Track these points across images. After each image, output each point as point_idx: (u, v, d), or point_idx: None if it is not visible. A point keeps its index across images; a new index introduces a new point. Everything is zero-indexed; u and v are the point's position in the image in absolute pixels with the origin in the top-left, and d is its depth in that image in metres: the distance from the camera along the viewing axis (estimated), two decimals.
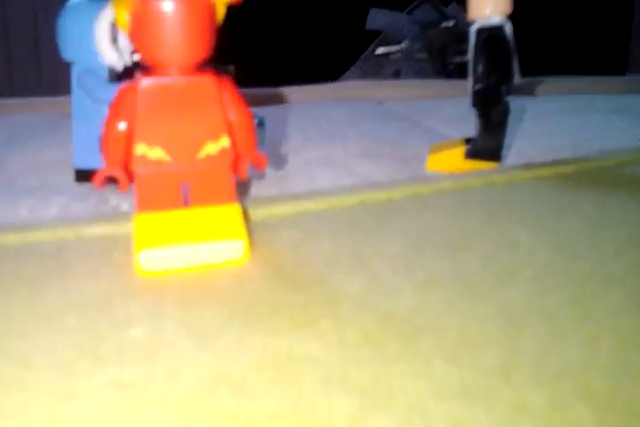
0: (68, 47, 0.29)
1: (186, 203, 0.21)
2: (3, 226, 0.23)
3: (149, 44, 0.19)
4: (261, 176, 0.27)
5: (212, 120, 0.20)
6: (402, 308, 0.15)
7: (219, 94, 0.20)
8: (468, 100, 0.36)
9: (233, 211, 0.21)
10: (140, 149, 0.20)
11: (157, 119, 0.20)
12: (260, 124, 0.33)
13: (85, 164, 0.31)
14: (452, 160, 0.32)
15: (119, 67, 0.29)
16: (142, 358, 0.14)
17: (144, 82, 0.19)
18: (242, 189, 0.22)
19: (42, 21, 1.13)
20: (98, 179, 0.21)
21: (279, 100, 0.60)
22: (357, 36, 1.36)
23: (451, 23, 0.34)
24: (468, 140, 0.34)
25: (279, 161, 0.33)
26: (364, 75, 1.41)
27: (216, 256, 0.20)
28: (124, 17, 0.18)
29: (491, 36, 0.30)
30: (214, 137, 0.20)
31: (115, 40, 0.29)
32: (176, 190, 0.21)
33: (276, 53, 1.23)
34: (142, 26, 0.18)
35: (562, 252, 0.19)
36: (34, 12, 1.14)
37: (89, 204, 0.28)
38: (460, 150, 0.32)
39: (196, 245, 0.20)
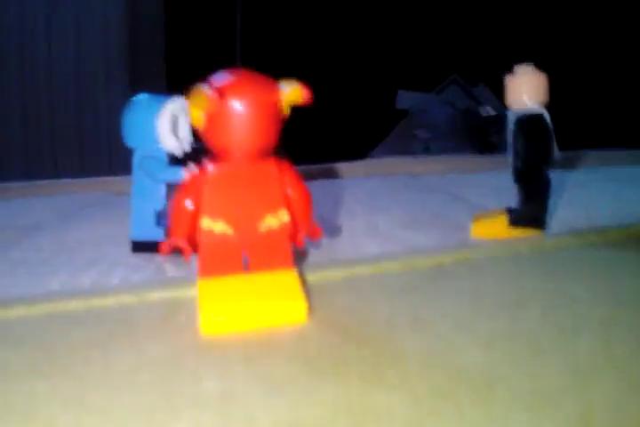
0: (133, 136, 0.32)
1: (246, 268, 0.22)
2: (69, 293, 0.24)
3: (222, 137, 0.21)
4: (317, 246, 0.28)
5: (273, 197, 0.22)
6: (469, 362, 0.16)
7: (279, 175, 0.22)
8: (505, 175, 0.37)
9: (290, 276, 0.22)
10: (206, 222, 0.22)
11: (223, 197, 0.22)
12: None
13: (142, 236, 0.33)
14: (496, 227, 0.33)
15: (178, 152, 0.32)
16: (218, 405, 0.14)
17: (213, 167, 0.22)
18: (297, 257, 0.23)
19: (85, 108, 1.22)
20: (165, 248, 0.22)
21: (312, 176, 0.63)
22: (386, 115, 1.42)
23: (491, 112, 0.36)
24: (510, 210, 0.34)
25: (331, 230, 0.35)
26: (393, 151, 1.46)
27: (277, 318, 0.21)
28: (200, 116, 0.21)
29: (530, 123, 0.32)
30: (274, 211, 0.22)
31: (176, 130, 0.32)
32: (237, 257, 0.22)
33: (305, 133, 1.28)
34: (216, 123, 0.21)
35: (621, 306, 0.19)
36: (77, 98, 1.23)
37: (147, 273, 0.29)
38: (504, 218, 0.33)
39: (259, 307, 0.20)
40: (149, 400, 0.15)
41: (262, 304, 0.21)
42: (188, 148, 0.33)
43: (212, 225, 0.22)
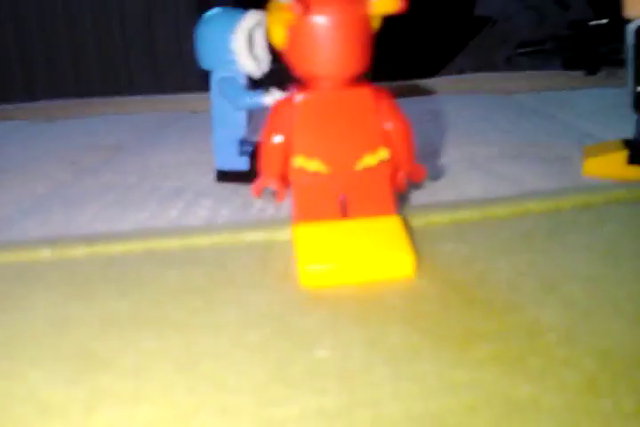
0: (207, 56, 0.30)
1: (343, 214, 0.21)
2: (164, 231, 0.24)
3: (308, 59, 0.18)
4: (419, 186, 0.26)
5: (370, 132, 0.20)
6: (618, 344, 0.14)
7: (376, 106, 0.19)
8: (610, 92, 0.32)
9: (394, 223, 0.20)
10: (298, 161, 0.20)
11: (315, 132, 0.19)
12: None
13: (226, 165, 0.32)
14: (611, 165, 0.29)
15: (257, 74, 0.30)
16: (337, 384, 0.13)
17: (300, 96, 0.19)
18: (397, 198, 0.21)
19: (157, 22, 1.18)
20: (256, 189, 0.21)
21: (403, 93, 0.59)
22: (466, 22, 1.31)
23: (603, 21, 0.31)
24: (627, 142, 0.31)
25: (430, 165, 0.32)
26: (475, 61, 1.36)
27: (383, 271, 0.19)
28: (281, 33, 0.18)
29: None
30: (372, 149, 0.20)
31: (252, 49, 0.30)
32: (334, 201, 0.21)
33: (384, 46, 1.20)
34: (300, 42, 0.18)
35: None
36: (148, 12, 1.19)
37: (235, 206, 0.28)
38: (621, 155, 0.29)
39: (363, 259, 0.19)
40: (262, 371, 0.14)
41: (366, 256, 0.19)
42: (267, 69, 0.30)
43: (306, 164, 0.20)
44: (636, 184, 0.26)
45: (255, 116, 0.32)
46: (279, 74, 0.24)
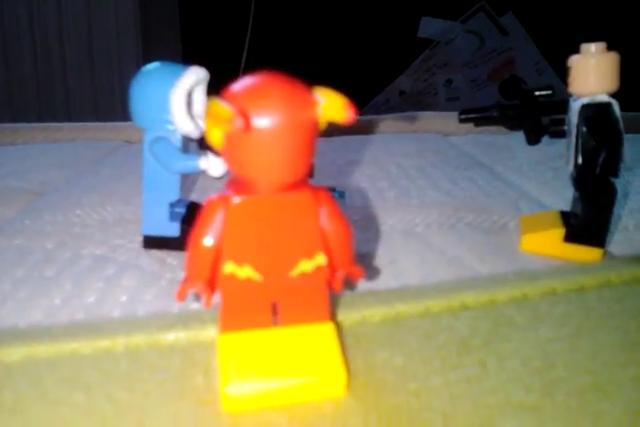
0: (141, 113, 0.28)
1: (274, 320, 0.19)
2: (73, 329, 0.21)
3: (246, 166, 0.17)
4: (353, 287, 0.24)
5: (308, 237, 0.18)
6: None
7: (316, 210, 0.18)
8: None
9: (327, 332, 0.19)
10: (229, 267, 0.18)
11: (248, 237, 0.18)
12: (341, 196, 0.31)
13: (155, 231, 0.30)
14: (549, 242, 0.29)
15: (195, 135, 0.28)
16: None
17: (237, 199, 0.17)
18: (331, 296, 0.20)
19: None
20: (180, 293, 0.19)
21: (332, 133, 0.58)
22: (408, 43, 1.33)
23: (548, 92, 0.31)
24: (564, 216, 0.31)
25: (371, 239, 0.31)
26: (415, 81, 1.38)
27: (313, 392, 0.18)
28: (219, 137, 0.16)
29: (598, 114, 0.27)
30: (309, 254, 0.18)
31: (191, 107, 0.28)
32: (265, 309, 0.19)
33: (326, 63, 1.20)
34: (239, 150, 0.16)
35: None
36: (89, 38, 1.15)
37: (160, 287, 0.26)
38: (558, 232, 0.29)
39: (291, 379, 0.18)
40: None
41: (294, 375, 0.18)
42: (204, 128, 0.29)
43: (237, 270, 0.18)
44: (571, 269, 0.26)
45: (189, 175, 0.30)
46: None
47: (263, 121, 0.16)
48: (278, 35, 1.23)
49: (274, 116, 0.16)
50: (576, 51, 0.27)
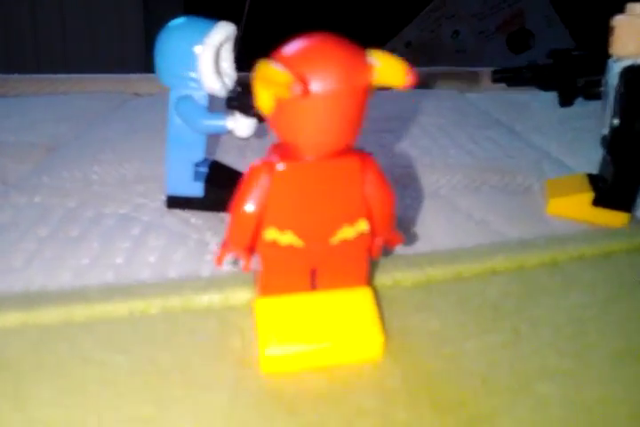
0: (166, 71, 0.27)
1: (312, 284, 0.19)
2: (107, 291, 0.22)
3: (297, 131, 0.16)
4: (390, 253, 0.24)
5: (352, 203, 0.18)
6: None
7: (361, 177, 0.18)
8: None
9: (365, 297, 0.19)
10: (271, 234, 0.18)
11: (292, 204, 0.18)
12: None
13: (178, 191, 0.30)
14: (576, 206, 0.29)
15: (222, 94, 0.27)
16: None
17: (281, 165, 0.17)
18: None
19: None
20: (219, 259, 0.19)
21: None
22: None
23: (584, 53, 0.30)
24: (592, 180, 0.30)
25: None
26: (422, 32, 1.34)
27: (351, 354, 0.18)
28: (269, 101, 0.16)
29: (636, 78, 0.26)
30: (352, 221, 0.18)
31: (217, 64, 0.27)
32: (304, 274, 0.19)
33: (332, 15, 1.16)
34: (291, 115, 0.16)
35: None
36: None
37: (188, 248, 0.26)
38: (586, 196, 0.29)
39: (329, 343, 0.18)
40: None
41: (332, 339, 0.18)
42: (231, 87, 0.28)
43: (279, 236, 0.18)
44: (600, 235, 0.26)
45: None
46: (247, 96, 0.21)
47: (320, 86, 0.15)
48: None
49: (331, 81, 0.15)
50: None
